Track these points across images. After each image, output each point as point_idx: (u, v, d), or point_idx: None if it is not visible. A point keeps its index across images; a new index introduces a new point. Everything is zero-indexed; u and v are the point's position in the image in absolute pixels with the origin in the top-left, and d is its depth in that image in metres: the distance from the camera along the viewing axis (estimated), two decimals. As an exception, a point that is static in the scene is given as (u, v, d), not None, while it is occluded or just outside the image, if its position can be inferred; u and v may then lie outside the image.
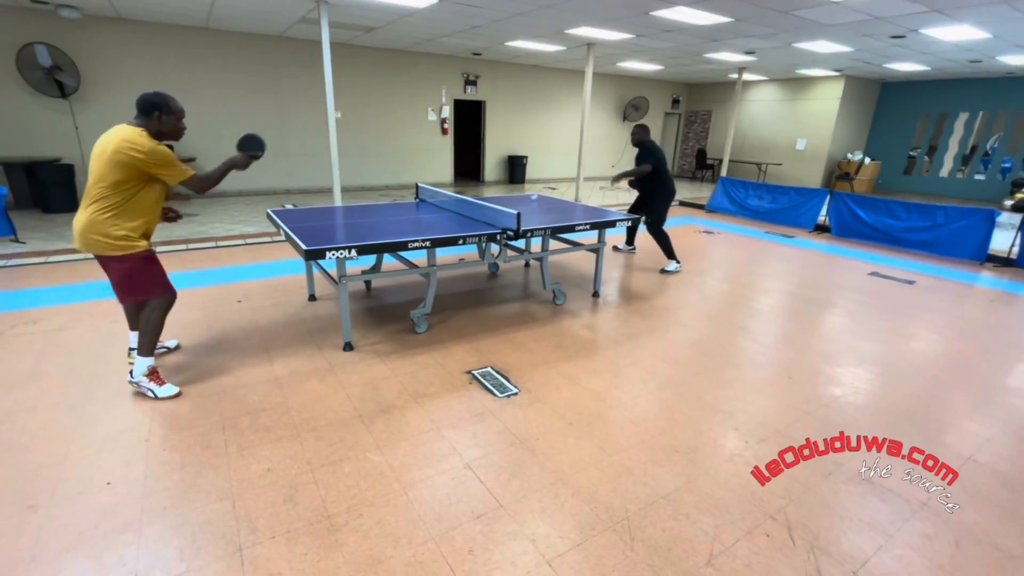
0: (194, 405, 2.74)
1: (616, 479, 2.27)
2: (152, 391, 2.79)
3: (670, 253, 5.68)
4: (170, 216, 3.05)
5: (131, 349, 3.29)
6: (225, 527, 1.92)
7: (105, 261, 2.67)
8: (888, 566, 1.87)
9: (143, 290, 2.76)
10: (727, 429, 2.70)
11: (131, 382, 2.82)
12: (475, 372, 3.20)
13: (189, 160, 8.80)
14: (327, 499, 2.09)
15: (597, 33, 8.08)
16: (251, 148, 2.94)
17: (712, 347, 3.75)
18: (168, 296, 2.83)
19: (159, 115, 2.58)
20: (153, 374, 2.82)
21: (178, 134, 2.71)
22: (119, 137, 2.48)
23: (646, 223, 5.73)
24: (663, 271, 5.64)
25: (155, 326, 2.79)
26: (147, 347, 2.80)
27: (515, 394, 2.96)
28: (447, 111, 11.54)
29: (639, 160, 5.60)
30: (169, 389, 2.83)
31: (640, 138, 5.57)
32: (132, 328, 3.11)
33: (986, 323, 4.48)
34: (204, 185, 2.73)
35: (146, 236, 2.73)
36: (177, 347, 3.41)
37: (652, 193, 5.64)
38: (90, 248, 2.61)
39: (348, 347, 3.44)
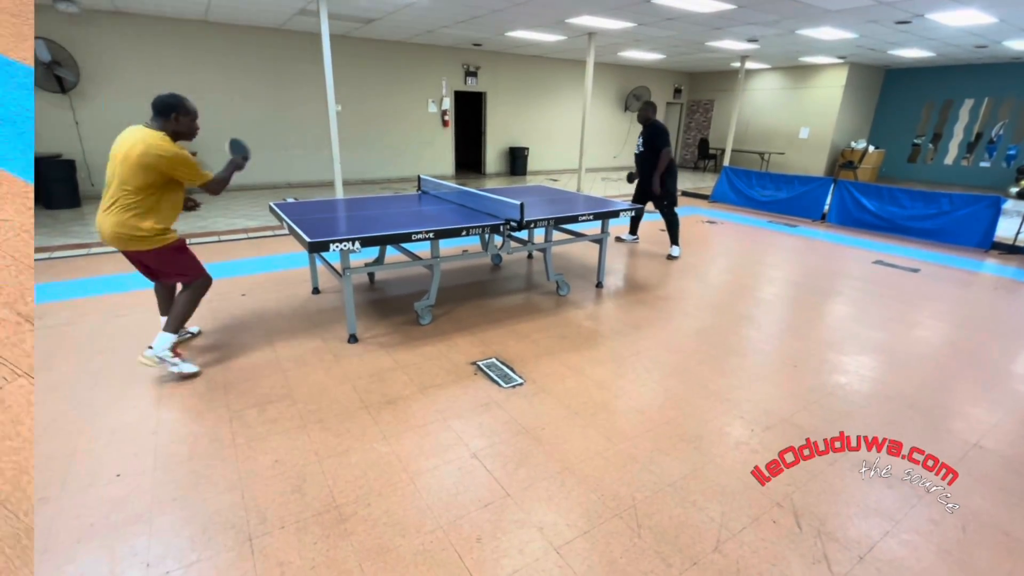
0: (201, 398, 2.75)
1: (622, 467, 2.28)
2: (176, 365, 2.87)
3: (676, 238, 5.75)
4: (189, 205, 3.15)
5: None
6: (235, 517, 1.94)
7: (138, 255, 2.79)
8: (895, 551, 1.88)
9: (180, 272, 2.92)
10: (732, 417, 2.71)
11: (150, 357, 2.81)
12: (480, 363, 3.20)
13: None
14: (335, 489, 2.10)
15: (598, 22, 8.01)
16: (241, 151, 3.06)
17: (716, 336, 3.74)
18: (207, 279, 2.99)
19: (176, 116, 2.69)
20: (175, 350, 2.92)
21: (192, 134, 2.82)
22: (144, 141, 2.57)
23: (661, 207, 5.68)
24: (670, 256, 5.71)
25: (190, 306, 2.92)
26: (175, 325, 2.89)
27: (520, 384, 2.97)
28: (448, 103, 11.48)
29: (651, 141, 5.42)
30: (190, 366, 2.92)
31: (648, 115, 5.48)
32: (163, 313, 3.24)
33: (991, 310, 4.46)
34: (219, 188, 2.89)
35: (173, 227, 2.89)
36: (199, 333, 3.51)
37: (665, 176, 5.56)
38: (123, 245, 2.73)
39: (353, 339, 3.45)
